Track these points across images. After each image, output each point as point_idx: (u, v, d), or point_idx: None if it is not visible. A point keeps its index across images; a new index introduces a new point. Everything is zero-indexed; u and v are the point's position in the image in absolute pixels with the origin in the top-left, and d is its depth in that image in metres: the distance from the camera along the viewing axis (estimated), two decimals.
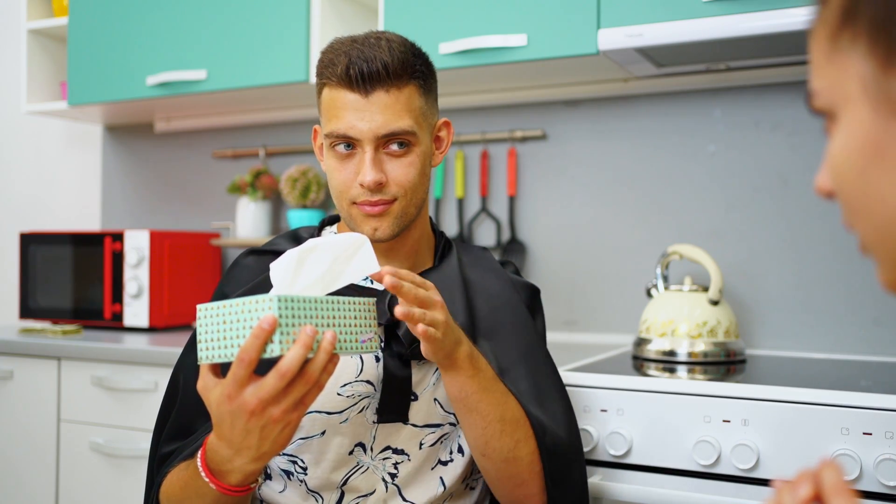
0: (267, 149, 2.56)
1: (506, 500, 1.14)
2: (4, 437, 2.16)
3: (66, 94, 2.46)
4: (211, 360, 0.91)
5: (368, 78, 1.10)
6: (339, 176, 1.14)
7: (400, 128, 1.11)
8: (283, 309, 0.87)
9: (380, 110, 1.10)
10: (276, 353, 0.87)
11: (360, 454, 1.14)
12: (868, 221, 0.54)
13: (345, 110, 1.11)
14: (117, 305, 2.32)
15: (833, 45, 0.53)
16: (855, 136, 0.52)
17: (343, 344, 0.93)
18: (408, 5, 1.96)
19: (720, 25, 1.63)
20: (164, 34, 2.28)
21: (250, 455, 0.92)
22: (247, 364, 0.87)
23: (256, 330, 0.86)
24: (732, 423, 1.35)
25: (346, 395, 1.13)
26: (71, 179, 2.94)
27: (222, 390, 0.89)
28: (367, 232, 1.13)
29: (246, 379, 0.88)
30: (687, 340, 1.69)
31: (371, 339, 0.97)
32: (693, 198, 2.02)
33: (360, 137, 1.11)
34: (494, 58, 1.86)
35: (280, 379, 0.87)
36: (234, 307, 0.89)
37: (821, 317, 1.89)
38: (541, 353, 1.24)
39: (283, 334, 0.87)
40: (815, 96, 0.55)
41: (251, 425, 0.89)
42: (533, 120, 2.21)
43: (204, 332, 0.91)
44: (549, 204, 2.18)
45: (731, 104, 1.99)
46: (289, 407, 0.89)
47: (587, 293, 2.13)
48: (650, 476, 1.41)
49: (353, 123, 1.11)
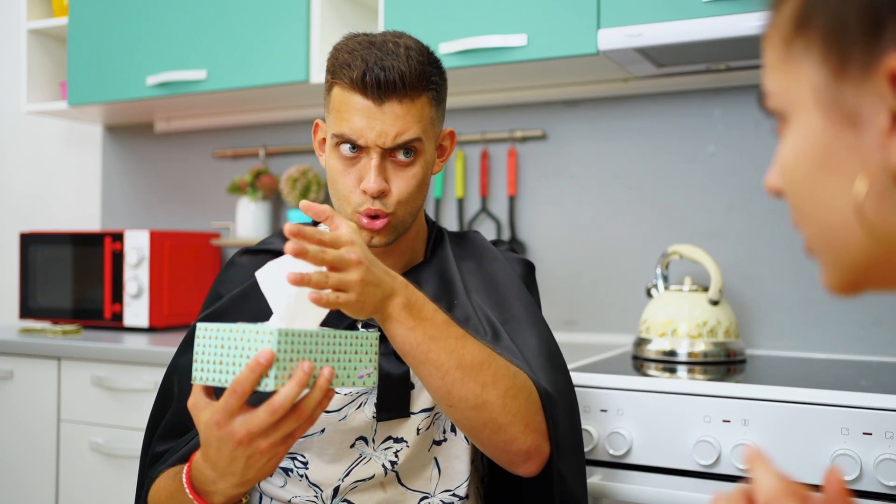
0: (267, 149, 2.56)
1: (489, 451, 1.07)
2: (4, 437, 2.16)
3: (66, 94, 2.46)
4: (204, 382, 0.90)
5: (385, 87, 1.08)
6: (343, 181, 1.13)
7: (408, 138, 1.10)
8: (282, 343, 0.86)
9: (391, 120, 1.09)
10: (270, 388, 0.86)
11: (363, 446, 1.14)
12: (813, 225, 0.55)
13: (356, 114, 1.09)
14: (117, 305, 2.32)
15: (786, 50, 0.54)
16: (805, 140, 0.53)
17: (340, 378, 0.92)
18: (408, 5, 1.96)
19: (720, 25, 1.63)
20: (164, 34, 2.28)
21: (234, 481, 0.92)
22: (239, 395, 0.86)
23: (253, 363, 0.85)
24: (732, 423, 1.35)
25: (343, 394, 1.12)
26: (71, 179, 2.94)
27: (212, 415, 0.88)
28: (363, 238, 1.12)
29: (237, 409, 0.87)
30: (687, 340, 1.69)
31: (370, 375, 0.95)
32: (693, 198, 2.02)
33: (367, 145, 1.10)
34: (494, 58, 1.86)
35: (271, 415, 0.86)
36: (234, 333, 0.88)
37: (821, 317, 1.89)
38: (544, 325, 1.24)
39: (279, 369, 0.86)
40: (768, 97, 0.56)
41: (237, 454, 0.88)
42: (533, 120, 2.21)
43: (200, 353, 0.90)
44: (549, 204, 2.18)
45: (731, 104, 1.99)
46: (277, 441, 0.89)
47: (587, 293, 2.13)
48: (650, 476, 1.41)
49: (362, 130, 1.09)
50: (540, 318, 1.23)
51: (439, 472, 1.16)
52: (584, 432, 1.44)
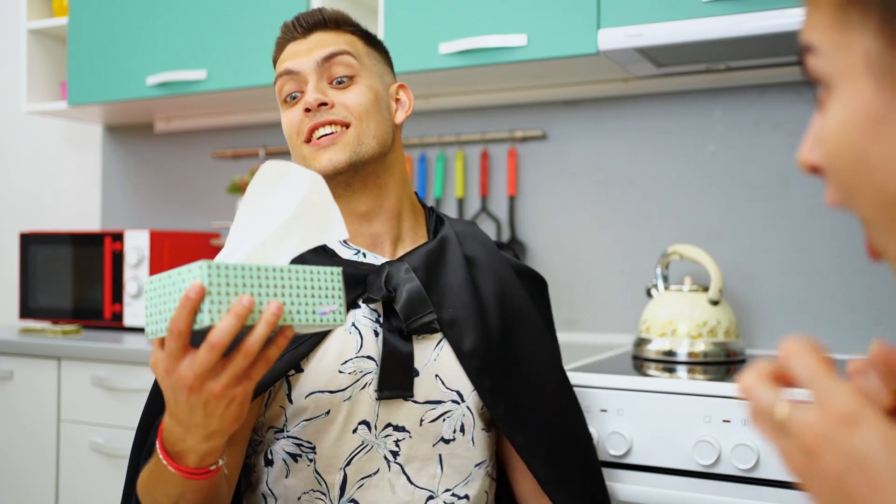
0: (267, 149, 2.56)
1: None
2: (4, 437, 2.16)
3: (66, 94, 2.46)
4: (155, 335, 0.86)
5: (307, 23, 1.17)
6: (287, 118, 1.17)
7: (336, 50, 1.16)
8: (213, 276, 0.81)
9: (318, 44, 1.16)
10: (205, 324, 0.81)
11: (365, 432, 1.12)
12: (869, 197, 0.53)
13: (287, 55, 1.18)
14: (117, 305, 2.32)
15: (840, 16, 0.52)
16: (854, 110, 0.52)
17: (296, 315, 0.86)
18: (408, 5, 1.96)
19: (720, 25, 1.63)
20: (164, 34, 2.28)
21: (200, 433, 0.88)
22: (176, 335, 0.82)
23: (183, 299, 0.81)
24: (732, 423, 1.35)
25: (347, 373, 1.10)
26: (71, 179, 2.94)
27: (163, 365, 0.85)
28: (322, 164, 1.12)
29: (179, 351, 0.83)
30: (687, 340, 1.69)
31: (334, 312, 0.89)
32: (693, 198, 2.02)
33: (299, 69, 1.16)
34: (494, 58, 1.86)
35: (210, 351, 0.82)
36: (171, 277, 0.84)
37: (821, 317, 1.89)
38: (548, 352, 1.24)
39: (213, 303, 0.81)
40: (816, 54, 0.54)
41: (193, 401, 0.85)
42: (533, 120, 2.21)
43: (149, 306, 0.87)
44: (549, 204, 2.18)
45: (731, 104, 1.99)
46: (229, 382, 0.84)
47: (587, 293, 2.13)
48: (650, 476, 1.41)
49: (294, 61, 1.16)
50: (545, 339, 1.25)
51: (442, 470, 1.15)
52: None
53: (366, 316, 1.13)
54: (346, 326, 1.12)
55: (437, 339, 1.15)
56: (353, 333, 1.12)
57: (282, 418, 1.12)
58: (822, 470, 0.51)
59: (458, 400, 1.15)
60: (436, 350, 1.15)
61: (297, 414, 1.11)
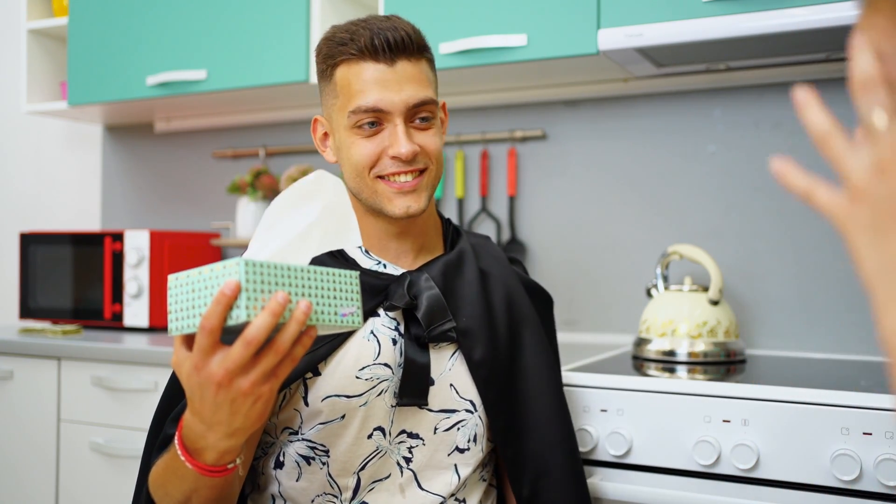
0: (267, 149, 2.56)
1: None
2: (4, 437, 2.16)
3: (66, 94, 2.46)
4: (181, 331, 0.87)
5: (395, 46, 1.09)
6: (364, 150, 1.11)
7: (427, 97, 1.12)
8: (249, 274, 0.82)
9: (406, 80, 1.10)
10: (241, 320, 0.82)
11: (380, 438, 1.13)
12: None
13: (370, 83, 1.09)
14: (117, 305, 2.32)
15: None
16: None
17: (320, 315, 0.88)
18: (408, 5, 1.96)
19: (720, 25, 1.63)
20: (164, 34, 2.28)
21: (222, 431, 0.88)
22: (208, 331, 0.83)
23: (219, 295, 0.82)
24: (732, 423, 1.35)
25: (364, 378, 1.11)
26: (71, 179, 2.94)
27: (191, 361, 0.85)
28: (399, 209, 1.12)
29: (211, 347, 0.84)
30: (687, 340, 1.69)
31: (353, 314, 0.91)
32: (693, 198, 2.02)
33: (390, 109, 1.10)
34: (494, 58, 1.86)
35: (246, 347, 0.82)
36: (203, 274, 0.85)
37: (821, 317, 1.89)
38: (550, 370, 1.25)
39: (249, 300, 0.82)
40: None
41: (220, 398, 0.85)
42: (533, 120, 2.21)
43: (174, 303, 0.87)
44: (549, 204, 2.18)
45: (731, 104, 1.99)
46: (258, 379, 0.85)
47: (587, 293, 2.13)
48: (650, 476, 1.41)
49: (382, 95, 1.09)
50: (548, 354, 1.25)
51: (459, 478, 1.16)
52: (585, 432, 1.44)
53: (385, 325, 1.14)
54: (364, 333, 1.13)
55: (452, 349, 1.17)
56: (371, 340, 1.13)
57: (297, 420, 1.13)
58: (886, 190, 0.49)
59: (472, 409, 1.17)
60: (450, 360, 1.16)
61: (313, 417, 1.11)
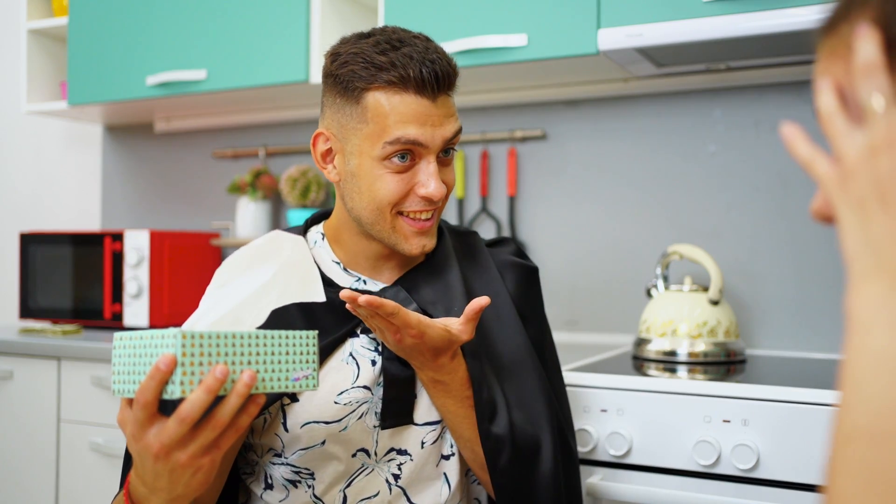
0: (267, 149, 2.56)
1: None
2: (4, 437, 2.16)
3: (66, 94, 2.46)
4: (122, 394, 0.85)
5: (441, 81, 1.04)
6: (392, 186, 1.06)
7: (459, 128, 1.09)
8: (186, 347, 0.79)
9: (445, 115, 1.06)
10: (175, 395, 0.79)
11: (365, 458, 1.11)
12: None
13: (412, 117, 1.04)
14: (117, 305, 2.32)
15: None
16: None
17: (268, 383, 0.85)
18: (408, 5, 1.96)
19: (720, 25, 1.63)
20: (164, 34, 2.28)
21: (164, 497, 0.87)
22: (142, 405, 0.81)
23: (153, 370, 0.79)
24: (732, 423, 1.35)
25: (343, 403, 1.08)
26: (71, 179, 2.94)
27: (130, 429, 0.84)
28: (416, 248, 1.10)
29: (146, 420, 0.82)
30: (687, 340, 1.69)
31: (308, 377, 0.88)
32: (693, 198, 2.02)
33: (429, 145, 1.05)
34: (494, 58, 1.86)
35: (180, 423, 0.80)
36: (144, 339, 0.82)
37: (821, 317, 1.89)
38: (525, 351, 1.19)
39: (185, 374, 0.79)
40: None
41: (158, 468, 0.84)
42: (533, 120, 2.21)
43: (117, 364, 0.85)
44: (549, 204, 2.18)
45: (731, 104, 1.99)
46: (196, 452, 0.83)
47: (587, 293, 2.13)
48: (650, 476, 1.41)
49: (422, 130, 1.04)
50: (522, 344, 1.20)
51: (450, 488, 1.14)
52: (585, 432, 1.44)
53: (364, 346, 1.11)
54: (342, 356, 1.10)
55: None
56: (349, 364, 1.10)
57: (279, 443, 1.11)
58: (875, 171, 0.51)
59: None
60: None
61: (293, 442, 1.10)
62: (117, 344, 0.86)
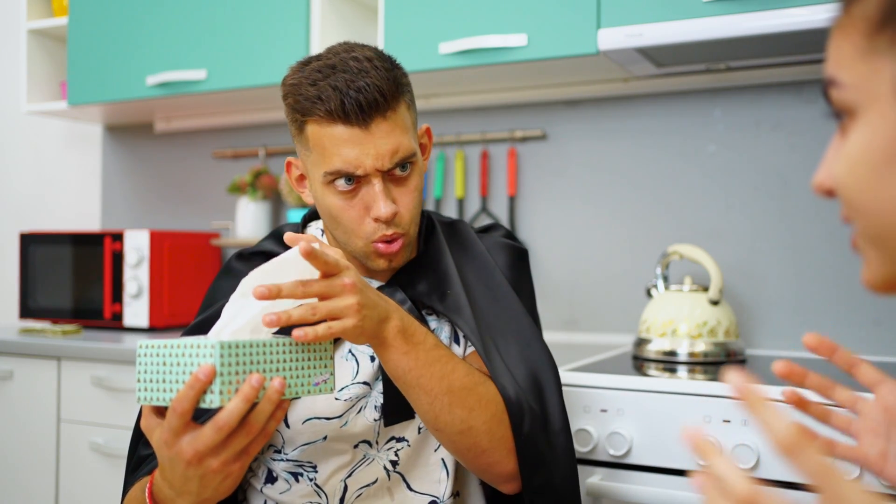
0: (267, 149, 2.56)
1: (474, 470, 1.09)
2: (4, 437, 2.16)
3: (66, 94, 2.46)
4: (149, 402, 0.86)
5: (368, 108, 1.02)
6: (348, 215, 1.07)
7: (404, 155, 1.06)
8: (224, 356, 0.82)
9: (382, 141, 1.04)
10: (215, 405, 0.82)
11: (367, 448, 1.13)
12: (868, 219, 0.54)
13: (344, 146, 1.04)
14: (117, 305, 2.32)
15: (869, 43, 0.53)
16: (877, 134, 0.53)
17: (293, 388, 0.88)
18: (408, 5, 1.96)
19: (720, 25, 1.63)
20: (164, 34, 2.28)
21: (191, 500, 0.89)
22: (180, 414, 0.83)
23: (192, 380, 0.81)
24: (732, 423, 1.35)
25: (343, 399, 1.11)
26: (71, 179, 2.94)
27: (161, 434, 0.86)
28: (382, 266, 1.10)
29: (181, 428, 0.84)
30: (687, 340, 1.69)
31: (326, 381, 0.91)
32: (693, 198, 2.02)
33: (366, 171, 1.05)
34: (494, 58, 1.86)
35: (217, 432, 0.83)
36: (175, 349, 0.84)
37: (821, 317, 1.89)
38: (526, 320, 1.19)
39: (224, 384, 0.82)
40: (840, 88, 0.55)
41: (189, 473, 0.86)
42: (533, 120, 2.21)
43: (143, 372, 0.86)
44: (549, 204, 2.18)
45: (731, 104, 1.99)
46: (229, 458, 0.86)
47: (587, 293, 2.13)
48: (650, 476, 1.41)
49: (357, 160, 1.04)
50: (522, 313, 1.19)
51: (448, 473, 1.15)
52: (585, 432, 1.44)
53: None
54: (342, 353, 1.12)
55: None
56: (349, 360, 1.12)
57: (279, 439, 1.13)
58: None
59: None
60: None
61: (294, 438, 1.11)
62: (142, 352, 0.87)
